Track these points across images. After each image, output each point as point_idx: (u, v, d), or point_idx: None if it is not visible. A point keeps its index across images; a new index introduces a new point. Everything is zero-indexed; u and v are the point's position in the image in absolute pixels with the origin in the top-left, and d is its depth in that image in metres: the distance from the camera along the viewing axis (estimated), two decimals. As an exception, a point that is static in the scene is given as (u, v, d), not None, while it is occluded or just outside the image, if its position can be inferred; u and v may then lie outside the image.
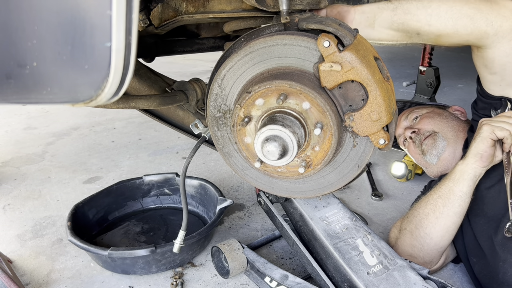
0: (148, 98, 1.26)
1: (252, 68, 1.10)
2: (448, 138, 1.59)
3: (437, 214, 1.35)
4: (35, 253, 1.70)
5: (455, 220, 1.34)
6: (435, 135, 1.62)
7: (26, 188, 2.26)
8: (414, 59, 5.28)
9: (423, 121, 1.69)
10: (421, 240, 1.37)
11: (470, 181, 1.30)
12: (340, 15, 1.25)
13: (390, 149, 1.14)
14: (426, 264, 1.41)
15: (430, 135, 1.63)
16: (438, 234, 1.35)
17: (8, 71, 0.60)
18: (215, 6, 1.23)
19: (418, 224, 1.39)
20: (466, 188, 1.31)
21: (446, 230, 1.35)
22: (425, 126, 1.66)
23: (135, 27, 0.54)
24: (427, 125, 1.66)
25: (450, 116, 1.69)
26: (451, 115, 1.70)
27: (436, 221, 1.35)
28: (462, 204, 1.32)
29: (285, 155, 1.00)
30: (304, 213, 1.34)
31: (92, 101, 0.59)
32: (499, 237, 1.27)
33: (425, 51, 3.21)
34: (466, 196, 1.31)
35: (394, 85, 1.14)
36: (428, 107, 1.80)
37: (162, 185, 2.00)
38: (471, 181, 1.31)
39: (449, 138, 1.59)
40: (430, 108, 1.78)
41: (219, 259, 1.51)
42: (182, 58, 5.32)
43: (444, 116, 1.68)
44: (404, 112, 1.83)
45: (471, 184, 1.31)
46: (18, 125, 3.30)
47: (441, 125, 1.63)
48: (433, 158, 1.61)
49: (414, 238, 1.38)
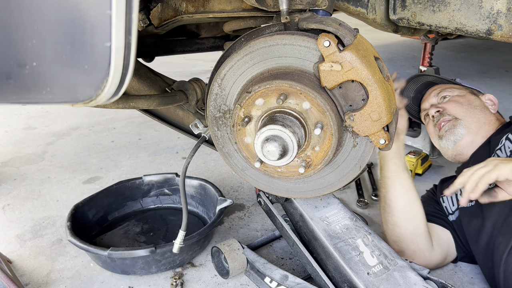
0: (148, 98, 1.26)
1: (252, 68, 1.10)
2: (469, 128, 1.57)
3: (387, 202, 1.47)
4: (34, 253, 1.69)
5: (402, 189, 1.43)
6: (456, 121, 1.59)
7: (25, 188, 2.25)
8: (414, 59, 5.28)
9: (450, 103, 1.65)
10: (397, 230, 1.45)
11: (390, 162, 1.44)
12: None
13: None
14: (418, 253, 1.43)
15: (451, 120, 1.61)
16: (401, 216, 1.43)
17: (8, 71, 0.60)
18: (215, 6, 1.23)
19: (383, 219, 1.51)
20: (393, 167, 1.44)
21: (405, 210, 1.43)
22: (450, 109, 1.63)
23: (135, 27, 0.54)
24: (452, 109, 1.63)
25: (480, 106, 1.64)
26: (481, 105, 1.65)
27: (390, 208, 1.46)
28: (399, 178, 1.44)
29: (285, 155, 1.00)
30: (304, 213, 1.34)
31: (92, 101, 0.58)
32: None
33: (426, 51, 3.21)
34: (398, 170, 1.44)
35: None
36: (462, 89, 1.74)
37: (162, 185, 2.00)
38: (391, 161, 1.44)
39: (471, 128, 1.57)
40: (464, 90, 1.72)
41: (219, 259, 1.50)
42: (182, 58, 5.31)
43: (474, 105, 1.64)
44: (436, 88, 1.79)
45: (395, 162, 1.44)
46: (17, 125, 3.30)
47: (466, 113, 1.60)
48: (449, 143, 1.60)
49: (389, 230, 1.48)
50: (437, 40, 2.83)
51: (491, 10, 1.10)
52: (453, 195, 1.54)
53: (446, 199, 1.58)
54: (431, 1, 1.20)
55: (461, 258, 1.54)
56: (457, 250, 1.52)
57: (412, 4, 1.24)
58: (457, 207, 1.52)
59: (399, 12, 1.28)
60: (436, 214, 1.56)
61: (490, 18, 1.11)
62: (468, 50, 5.75)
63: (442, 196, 1.60)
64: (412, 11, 1.25)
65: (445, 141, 1.61)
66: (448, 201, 1.57)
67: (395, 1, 1.27)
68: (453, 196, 1.55)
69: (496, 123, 1.60)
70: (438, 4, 1.19)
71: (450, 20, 1.19)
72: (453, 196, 1.55)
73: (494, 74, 4.46)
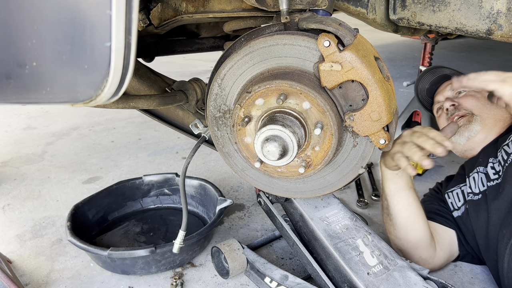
0: (148, 98, 1.26)
1: (252, 68, 1.10)
2: (485, 124, 1.55)
3: (390, 211, 1.43)
4: (34, 253, 1.69)
5: (403, 205, 1.40)
6: (472, 117, 1.57)
7: (25, 188, 2.25)
8: (415, 59, 5.28)
9: (467, 98, 1.62)
10: (399, 242, 1.43)
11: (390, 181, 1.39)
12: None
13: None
14: (421, 262, 1.42)
15: (467, 116, 1.59)
16: (402, 231, 1.41)
17: (8, 71, 0.60)
18: (215, 5, 1.22)
19: (386, 228, 1.47)
20: (392, 186, 1.39)
21: (406, 219, 1.40)
22: (466, 104, 1.61)
23: (135, 27, 0.54)
24: (468, 104, 1.60)
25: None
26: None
27: (392, 221, 1.43)
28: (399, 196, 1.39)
29: (285, 155, 1.00)
30: (304, 213, 1.34)
31: (92, 101, 0.58)
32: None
33: (426, 51, 3.21)
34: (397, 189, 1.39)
35: (394, 85, 1.14)
36: None
37: (162, 185, 2.00)
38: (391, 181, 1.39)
39: (486, 124, 1.55)
40: None
41: (219, 259, 1.50)
42: (182, 58, 5.32)
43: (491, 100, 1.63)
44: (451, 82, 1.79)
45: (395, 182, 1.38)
46: (17, 125, 3.30)
47: (483, 109, 1.57)
48: (462, 139, 1.58)
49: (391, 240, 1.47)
50: (437, 40, 2.83)
51: (491, 10, 1.10)
52: (459, 191, 1.55)
53: (451, 195, 1.57)
54: (431, 1, 1.20)
55: (463, 256, 1.54)
56: (459, 249, 1.52)
57: (412, 4, 1.24)
58: (463, 202, 1.52)
59: (399, 12, 1.28)
60: (441, 212, 1.56)
61: (490, 18, 1.11)
62: (468, 50, 5.75)
63: (447, 192, 1.59)
64: (412, 11, 1.25)
65: (458, 136, 1.58)
66: (453, 197, 1.56)
67: (395, 1, 1.27)
68: (458, 192, 1.55)
69: (510, 120, 1.58)
70: (438, 4, 1.19)
71: (450, 20, 1.19)
72: (458, 192, 1.55)
73: (494, 74, 4.45)
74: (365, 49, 1.03)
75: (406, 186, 1.39)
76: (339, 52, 0.98)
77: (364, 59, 0.99)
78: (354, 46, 0.99)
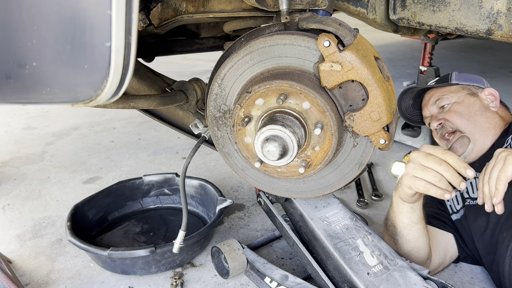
0: (148, 98, 1.26)
1: (252, 68, 1.10)
2: (475, 139, 1.54)
3: (397, 238, 1.39)
4: (34, 253, 1.69)
5: (413, 237, 1.36)
6: (460, 135, 1.56)
7: (25, 188, 2.25)
8: (415, 59, 5.28)
9: (451, 114, 1.62)
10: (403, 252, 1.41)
11: (404, 215, 1.33)
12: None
13: (391, 149, 1.14)
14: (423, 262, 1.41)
15: (456, 132, 1.59)
16: (406, 254, 1.38)
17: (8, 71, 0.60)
18: (215, 5, 1.22)
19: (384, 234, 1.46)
20: (406, 220, 1.34)
21: (413, 245, 1.37)
22: (453, 120, 1.60)
23: (135, 27, 0.54)
24: (454, 120, 1.60)
25: (480, 109, 1.60)
26: (481, 108, 1.61)
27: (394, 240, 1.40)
28: (410, 229, 1.35)
29: (285, 155, 1.00)
30: (304, 213, 1.34)
31: (92, 101, 0.58)
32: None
33: (426, 51, 3.21)
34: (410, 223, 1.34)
35: (394, 85, 1.14)
36: (460, 91, 1.68)
37: (162, 185, 2.00)
38: (405, 215, 1.33)
39: (477, 139, 1.54)
40: (462, 92, 1.67)
41: (219, 259, 1.50)
42: (182, 58, 5.31)
43: (474, 111, 1.60)
44: (433, 92, 1.75)
45: (409, 216, 1.33)
46: (17, 125, 3.30)
47: (468, 124, 1.57)
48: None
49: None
50: (437, 40, 2.83)
51: (491, 10, 1.10)
52: (458, 194, 1.54)
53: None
54: (431, 1, 1.20)
55: (463, 258, 1.54)
56: (459, 251, 1.52)
57: (412, 4, 1.25)
58: (462, 205, 1.52)
59: (399, 12, 1.28)
60: (439, 216, 1.56)
61: (490, 18, 1.11)
62: (468, 50, 5.75)
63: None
64: (412, 11, 1.25)
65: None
66: (452, 199, 1.56)
67: (395, 1, 1.27)
68: (457, 194, 1.55)
69: (501, 123, 1.58)
70: (438, 4, 1.19)
71: (450, 20, 1.19)
72: (457, 194, 1.55)
73: (494, 74, 4.46)
74: (365, 49, 1.03)
75: (420, 219, 1.33)
76: (339, 52, 0.98)
77: (364, 59, 0.99)
78: (354, 46, 0.99)
